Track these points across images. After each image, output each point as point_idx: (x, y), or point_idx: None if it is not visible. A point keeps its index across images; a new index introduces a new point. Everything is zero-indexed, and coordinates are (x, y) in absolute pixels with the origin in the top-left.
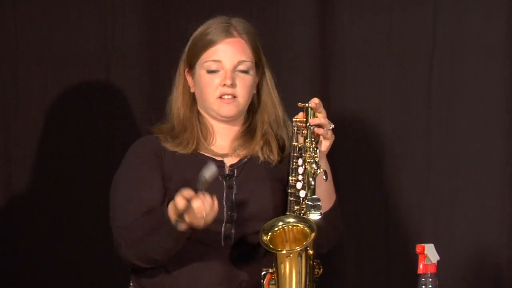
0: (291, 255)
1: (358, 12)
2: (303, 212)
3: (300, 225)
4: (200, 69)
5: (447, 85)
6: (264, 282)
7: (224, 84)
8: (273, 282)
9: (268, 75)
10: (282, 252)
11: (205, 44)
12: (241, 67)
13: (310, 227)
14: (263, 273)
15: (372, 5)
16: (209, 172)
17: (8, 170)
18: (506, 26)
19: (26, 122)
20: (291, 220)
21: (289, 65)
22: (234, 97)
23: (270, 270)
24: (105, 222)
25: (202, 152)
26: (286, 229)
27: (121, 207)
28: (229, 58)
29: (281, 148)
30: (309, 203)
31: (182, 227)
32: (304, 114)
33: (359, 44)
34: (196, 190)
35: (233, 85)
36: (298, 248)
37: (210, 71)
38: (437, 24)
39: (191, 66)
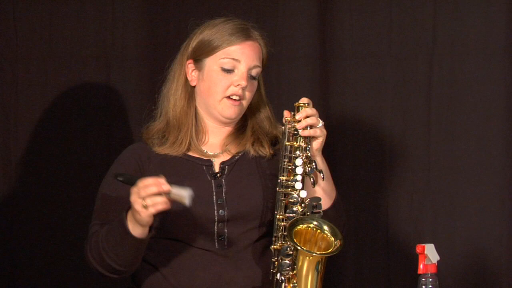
0: (310, 257)
1: (358, 12)
2: (304, 211)
3: (328, 234)
4: (213, 65)
5: (447, 85)
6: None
7: (238, 84)
8: (294, 284)
9: (260, 76)
10: (305, 251)
11: (225, 41)
12: (253, 72)
13: (336, 239)
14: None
15: (372, 5)
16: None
17: (8, 170)
18: (506, 27)
19: (26, 122)
20: (325, 227)
21: (289, 65)
22: (241, 100)
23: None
24: None
25: (191, 154)
26: (315, 232)
27: (94, 220)
28: (248, 60)
29: (274, 144)
30: (311, 202)
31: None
32: (294, 113)
33: (359, 44)
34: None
35: (245, 88)
36: (318, 253)
37: (225, 69)
38: (437, 24)
39: (197, 59)
